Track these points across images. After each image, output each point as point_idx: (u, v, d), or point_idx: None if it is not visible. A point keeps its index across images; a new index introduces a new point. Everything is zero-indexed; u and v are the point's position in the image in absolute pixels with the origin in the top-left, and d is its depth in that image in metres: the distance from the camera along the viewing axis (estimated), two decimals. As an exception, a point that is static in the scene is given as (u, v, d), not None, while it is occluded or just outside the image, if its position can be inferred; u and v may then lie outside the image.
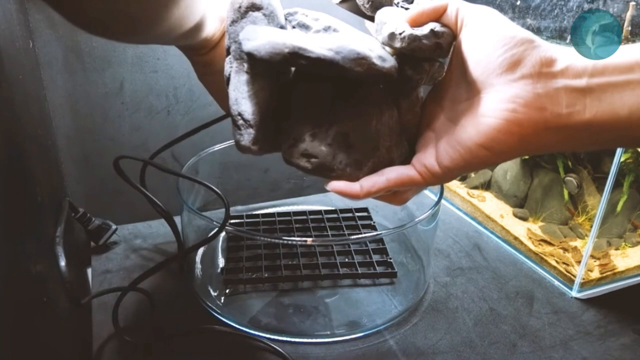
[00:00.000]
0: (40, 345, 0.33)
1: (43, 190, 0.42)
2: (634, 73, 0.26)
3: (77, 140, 0.61)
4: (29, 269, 0.34)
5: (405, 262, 0.58)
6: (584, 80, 0.27)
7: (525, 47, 0.29)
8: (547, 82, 0.28)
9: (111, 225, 0.59)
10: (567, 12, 0.58)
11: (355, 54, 0.31)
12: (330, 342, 0.46)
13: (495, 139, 0.29)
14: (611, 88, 0.26)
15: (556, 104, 0.27)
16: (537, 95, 0.28)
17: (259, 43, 0.31)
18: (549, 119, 0.27)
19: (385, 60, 0.33)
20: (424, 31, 0.33)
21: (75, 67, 0.58)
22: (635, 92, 0.26)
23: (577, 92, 0.27)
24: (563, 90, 0.27)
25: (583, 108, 0.27)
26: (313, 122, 0.36)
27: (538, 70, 0.28)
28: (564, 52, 0.28)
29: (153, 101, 0.63)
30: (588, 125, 0.27)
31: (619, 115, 0.26)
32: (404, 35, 0.34)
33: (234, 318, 0.48)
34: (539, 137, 0.28)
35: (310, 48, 0.31)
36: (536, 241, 0.61)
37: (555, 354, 0.45)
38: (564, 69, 0.28)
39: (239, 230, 0.46)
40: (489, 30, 0.31)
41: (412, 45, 0.33)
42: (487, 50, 0.30)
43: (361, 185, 0.35)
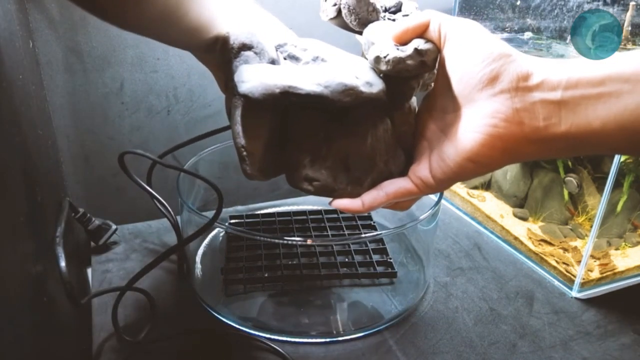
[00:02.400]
0: (40, 345, 0.33)
1: (43, 190, 0.42)
2: (605, 86, 0.26)
3: (77, 140, 0.61)
4: (29, 269, 0.34)
5: (405, 262, 0.58)
6: (558, 93, 0.28)
7: (502, 62, 0.30)
8: (524, 96, 0.29)
9: (111, 225, 0.59)
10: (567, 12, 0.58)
11: (343, 86, 0.33)
12: (330, 342, 0.46)
13: (480, 153, 0.31)
14: (584, 101, 0.27)
15: (534, 117, 0.29)
16: (516, 110, 0.29)
17: (252, 85, 0.33)
18: (528, 132, 0.29)
19: (372, 85, 0.35)
20: (408, 51, 0.35)
21: (75, 67, 0.58)
22: (607, 104, 0.26)
23: (553, 105, 0.28)
24: (539, 103, 0.28)
25: (559, 120, 0.28)
26: (311, 147, 0.38)
27: (515, 85, 0.29)
28: (540, 65, 0.29)
29: (153, 101, 0.63)
30: (565, 137, 0.28)
31: (593, 127, 0.27)
32: (388, 58, 0.35)
33: (234, 318, 0.48)
34: (521, 149, 0.30)
35: (300, 85, 0.33)
36: (536, 241, 0.61)
37: (555, 354, 0.45)
38: (540, 83, 0.29)
39: (239, 230, 0.46)
40: (470, 45, 0.32)
41: (397, 68, 0.35)
42: (467, 66, 0.32)
43: (363, 201, 0.37)
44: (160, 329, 0.46)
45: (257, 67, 0.35)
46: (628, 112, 0.26)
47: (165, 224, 0.64)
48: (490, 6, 0.69)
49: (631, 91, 0.26)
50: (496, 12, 0.69)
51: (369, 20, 0.41)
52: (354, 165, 0.37)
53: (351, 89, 0.33)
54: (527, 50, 0.64)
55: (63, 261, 0.41)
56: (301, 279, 0.53)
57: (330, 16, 0.43)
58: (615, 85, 0.26)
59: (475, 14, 0.69)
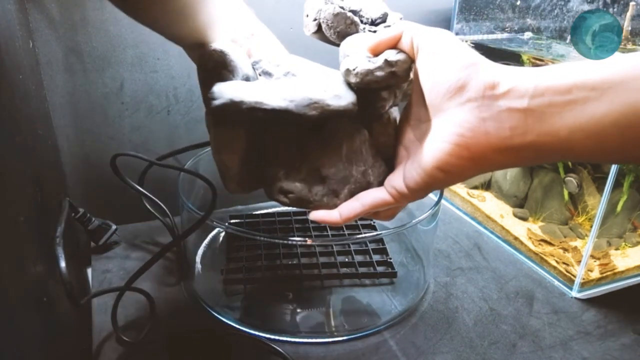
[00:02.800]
0: (40, 345, 0.33)
1: (43, 190, 0.42)
2: (572, 94, 0.26)
3: (77, 140, 0.61)
4: (29, 269, 0.34)
5: (405, 262, 0.58)
6: (525, 101, 0.28)
7: (470, 70, 0.30)
8: (491, 105, 0.29)
9: (111, 225, 0.59)
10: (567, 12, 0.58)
11: (308, 100, 0.34)
12: (330, 342, 0.46)
13: (449, 162, 0.31)
14: (551, 109, 0.27)
15: (500, 126, 0.28)
16: (482, 119, 0.29)
17: (221, 102, 0.34)
18: (494, 141, 0.29)
19: (341, 97, 0.35)
20: (378, 62, 0.35)
21: (75, 67, 0.58)
22: (573, 112, 0.26)
23: (519, 113, 0.28)
24: (506, 112, 0.28)
25: (525, 129, 0.28)
26: (286, 160, 0.39)
27: (482, 94, 0.29)
28: (509, 73, 0.29)
29: (153, 101, 0.63)
30: (532, 145, 0.28)
31: (560, 135, 0.27)
32: (357, 70, 0.36)
33: (234, 318, 0.48)
34: (489, 158, 0.30)
35: (266, 100, 0.34)
36: (536, 241, 0.61)
37: (555, 354, 0.45)
38: (507, 91, 0.28)
39: (239, 230, 0.46)
40: (440, 55, 0.32)
41: (366, 79, 0.36)
42: (437, 76, 0.32)
43: (340, 212, 0.37)
44: (160, 328, 0.46)
45: (229, 84, 0.36)
46: (595, 120, 0.26)
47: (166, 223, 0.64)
48: (490, 6, 0.69)
49: (598, 99, 0.25)
50: (496, 12, 0.69)
51: (348, 33, 0.42)
52: (329, 176, 0.38)
53: (316, 102, 0.34)
54: (527, 50, 0.64)
55: (63, 261, 0.41)
56: (301, 279, 0.53)
57: (312, 31, 0.44)
58: (582, 93, 0.26)
59: (475, 14, 0.70)
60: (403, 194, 0.35)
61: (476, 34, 0.71)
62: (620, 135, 0.25)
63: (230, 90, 0.35)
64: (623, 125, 0.25)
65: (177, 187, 0.49)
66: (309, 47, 0.68)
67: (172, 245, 0.43)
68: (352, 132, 0.39)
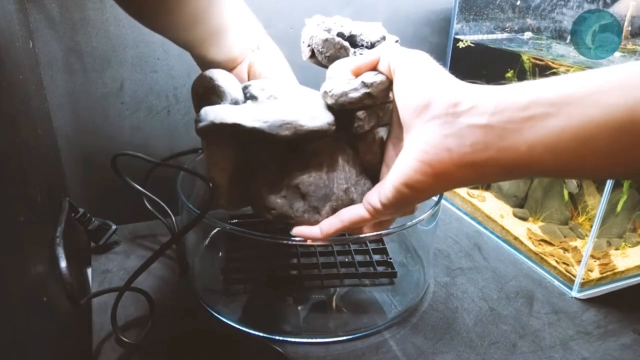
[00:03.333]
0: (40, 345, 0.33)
1: (43, 190, 0.42)
2: (530, 110, 0.27)
3: (77, 140, 0.61)
4: (29, 268, 0.34)
5: (405, 262, 0.58)
6: (485, 118, 0.28)
7: (435, 89, 0.31)
8: (453, 122, 0.29)
9: (111, 225, 0.59)
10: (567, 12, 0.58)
11: (281, 121, 0.37)
12: (330, 342, 0.46)
13: (413, 179, 0.31)
14: (510, 124, 0.27)
15: (461, 143, 0.29)
16: (445, 136, 0.30)
17: (204, 124, 0.37)
18: (456, 157, 0.29)
19: (316, 118, 0.38)
20: (355, 84, 0.37)
21: (75, 67, 0.58)
22: (532, 128, 0.27)
23: (479, 130, 0.28)
24: (467, 128, 0.29)
25: (485, 145, 0.28)
26: (269, 178, 0.41)
27: (445, 111, 0.30)
28: (473, 92, 0.30)
29: (153, 101, 0.63)
30: (493, 161, 0.28)
31: (520, 151, 0.27)
32: (332, 92, 0.38)
33: (234, 318, 0.48)
34: (452, 174, 0.30)
35: (243, 122, 0.37)
36: (536, 241, 0.61)
37: (555, 354, 0.45)
38: (469, 109, 0.29)
39: (238, 230, 0.46)
40: (410, 76, 0.34)
41: (340, 100, 0.38)
42: (407, 95, 0.33)
43: (320, 228, 0.39)
44: (160, 329, 0.46)
45: (214, 107, 0.39)
46: (553, 135, 0.26)
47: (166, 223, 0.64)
48: (490, 6, 0.69)
49: (556, 114, 0.26)
50: (496, 12, 0.69)
51: (338, 57, 0.44)
52: (309, 193, 0.40)
53: (289, 123, 0.37)
54: (527, 50, 0.64)
55: (63, 261, 0.41)
56: (301, 279, 0.53)
57: (307, 56, 0.46)
58: (541, 108, 0.26)
59: (476, 14, 0.70)
60: (377, 210, 0.36)
61: (476, 34, 0.71)
62: (579, 150, 0.25)
63: (213, 113, 0.38)
64: (581, 140, 0.25)
65: (177, 187, 0.49)
66: (309, 47, 0.68)
67: (170, 244, 0.43)
68: (334, 150, 0.41)
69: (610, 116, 0.24)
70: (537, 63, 0.61)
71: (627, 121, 0.24)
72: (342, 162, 0.41)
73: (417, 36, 0.74)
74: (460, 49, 0.70)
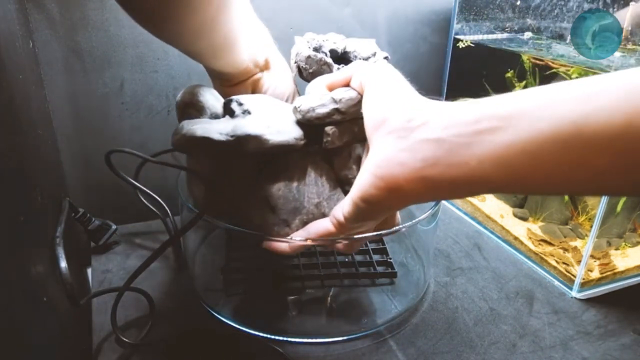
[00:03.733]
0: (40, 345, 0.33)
1: (43, 190, 0.42)
2: (480, 124, 0.27)
3: (77, 140, 0.61)
4: (29, 268, 0.34)
5: (405, 262, 0.58)
6: (436, 132, 0.28)
7: (394, 105, 0.32)
8: (407, 137, 0.30)
9: (111, 225, 0.59)
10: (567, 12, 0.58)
11: (246, 134, 0.38)
12: (330, 342, 0.46)
13: (368, 193, 0.31)
14: (460, 139, 0.27)
15: (413, 157, 0.29)
16: (398, 150, 0.30)
17: (177, 137, 0.40)
18: (407, 172, 0.29)
19: (283, 133, 0.39)
20: (324, 100, 0.39)
21: (75, 67, 0.58)
22: (481, 143, 0.26)
23: (430, 144, 0.28)
24: (419, 143, 0.29)
25: (435, 160, 0.28)
26: (242, 190, 0.42)
27: (400, 126, 0.30)
28: (429, 108, 0.30)
29: (153, 101, 0.63)
30: (443, 176, 0.28)
31: (470, 166, 0.27)
32: (300, 108, 0.39)
33: (234, 318, 0.48)
34: (405, 189, 0.30)
35: (212, 136, 0.38)
36: (536, 241, 0.61)
37: (555, 354, 0.45)
38: (422, 124, 0.29)
39: (238, 229, 0.46)
40: (375, 92, 0.34)
41: (307, 116, 0.39)
42: (369, 110, 0.34)
43: (288, 242, 0.40)
44: (160, 329, 0.46)
45: (190, 121, 0.41)
46: (502, 149, 0.26)
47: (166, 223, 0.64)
48: (490, 6, 0.69)
49: (505, 128, 0.25)
50: (496, 12, 0.69)
51: (321, 73, 0.45)
52: (278, 207, 0.41)
53: (254, 137, 0.38)
54: (527, 50, 0.64)
55: (63, 261, 0.41)
56: (301, 279, 0.53)
57: (294, 72, 0.48)
58: (490, 122, 0.26)
59: (476, 14, 0.70)
60: (341, 223, 0.36)
61: (476, 34, 0.71)
62: (527, 164, 0.25)
63: (186, 127, 0.40)
64: (529, 154, 0.25)
65: (177, 185, 0.49)
66: (309, 47, 0.68)
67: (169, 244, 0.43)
68: (306, 165, 0.42)
69: (556, 129, 0.24)
70: (537, 63, 0.61)
71: (573, 134, 0.23)
72: (315, 176, 0.42)
73: (417, 36, 0.74)
74: (460, 49, 0.70)
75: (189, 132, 0.39)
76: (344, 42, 0.49)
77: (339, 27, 0.68)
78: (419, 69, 0.76)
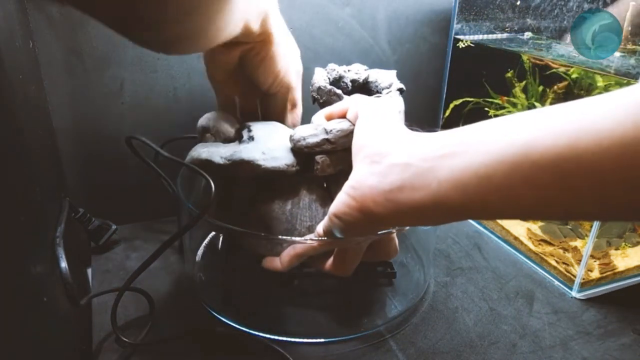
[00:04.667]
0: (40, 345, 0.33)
1: (43, 190, 0.42)
2: (443, 149, 0.28)
3: (77, 140, 0.61)
4: (29, 269, 0.34)
5: (405, 262, 0.58)
6: (405, 157, 0.30)
7: (375, 133, 0.35)
8: (379, 162, 0.32)
9: (111, 225, 0.59)
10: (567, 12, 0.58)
11: (240, 160, 0.42)
12: (330, 342, 0.46)
13: (341, 210, 0.34)
14: (425, 163, 0.29)
15: (382, 180, 0.31)
16: (370, 173, 0.32)
17: (189, 158, 0.45)
18: (375, 194, 0.31)
19: (277, 159, 0.42)
20: (317, 130, 0.42)
21: (75, 67, 0.58)
22: (442, 167, 0.28)
23: (398, 168, 0.30)
24: (389, 167, 0.31)
25: (402, 184, 0.30)
26: (240, 210, 0.46)
27: (375, 152, 0.33)
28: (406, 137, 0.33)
29: (153, 101, 0.63)
30: (408, 200, 0.30)
31: (431, 189, 0.28)
32: (293, 137, 0.43)
33: (234, 318, 0.48)
34: (373, 211, 0.32)
35: (213, 159, 0.43)
36: (536, 241, 0.61)
37: (555, 354, 0.45)
38: (395, 150, 0.32)
39: (238, 229, 0.46)
40: (363, 122, 0.37)
41: (298, 145, 0.42)
42: (355, 137, 0.37)
43: (280, 260, 0.42)
44: (160, 329, 0.46)
45: (202, 145, 0.46)
46: (458, 172, 0.27)
47: (166, 223, 0.64)
48: (490, 6, 0.69)
49: (463, 152, 0.27)
50: (496, 12, 0.69)
51: (332, 102, 0.48)
52: (273, 228, 0.44)
53: (248, 162, 0.42)
54: (527, 50, 0.64)
55: (63, 262, 0.41)
56: (301, 279, 0.53)
57: (312, 102, 0.51)
58: (450, 148, 0.28)
59: (476, 14, 0.70)
60: (320, 237, 0.39)
61: (476, 34, 0.71)
62: (480, 187, 0.26)
63: (198, 150, 0.44)
64: (481, 176, 0.26)
65: (177, 186, 0.49)
66: (308, 46, 0.68)
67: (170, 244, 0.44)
68: (300, 190, 0.45)
69: (506, 152, 0.25)
70: (537, 63, 0.61)
71: (521, 156, 0.24)
72: (309, 200, 0.45)
73: (417, 36, 0.74)
74: (460, 49, 0.70)
75: (197, 154, 0.44)
76: (367, 72, 0.53)
77: (339, 27, 0.68)
78: (419, 69, 0.76)
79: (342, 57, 0.69)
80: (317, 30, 0.67)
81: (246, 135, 0.46)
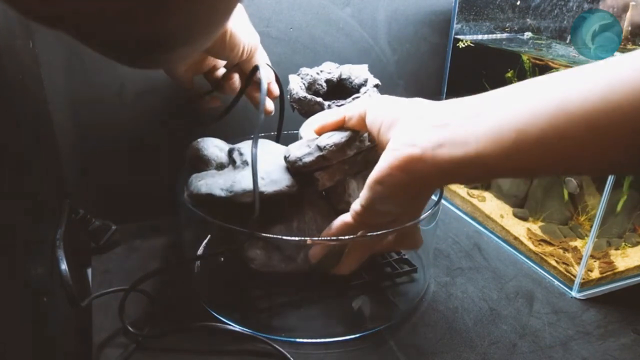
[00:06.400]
0: (40, 346, 0.33)
1: (43, 191, 0.42)
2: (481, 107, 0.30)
3: (77, 140, 0.61)
4: (30, 270, 0.34)
5: (405, 262, 0.57)
6: (444, 119, 0.32)
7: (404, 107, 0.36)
8: (419, 124, 0.33)
9: (111, 225, 0.59)
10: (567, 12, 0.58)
11: (242, 190, 0.42)
12: (330, 342, 0.46)
13: (384, 173, 0.35)
14: (463, 121, 0.31)
15: (424, 139, 0.32)
16: (412, 134, 0.33)
17: (187, 193, 0.46)
18: (417, 152, 0.33)
19: (277, 182, 0.43)
20: (310, 148, 0.42)
21: (75, 67, 0.58)
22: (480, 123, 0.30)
23: (438, 129, 0.32)
24: (429, 128, 0.32)
25: (442, 142, 0.31)
26: None
27: (415, 116, 0.34)
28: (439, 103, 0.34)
29: (153, 101, 0.63)
30: (447, 157, 0.31)
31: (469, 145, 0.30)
32: (289, 158, 0.43)
33: (234, 318, 0.48)
34: (417, 170, 0.33)
35: (214, 192, 0.43)
36: (536, 241, 0.61)
37: (555, 354, 0.45)
38: (433, 113, 0.33)
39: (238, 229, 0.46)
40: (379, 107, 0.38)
41: (295, 166, 0.43)
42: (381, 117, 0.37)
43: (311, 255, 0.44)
44: (161, 329, 0.46)
45: (197, 176, 0.46)
46: (495, 127, 0.29)
47: (166, 223, 0.64)
48: (490, 6, 0.69)
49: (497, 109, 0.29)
50: (496, 12, 0.69)
51: (314, 112, 0.48)
52: (282, 245, 0.44)
53: (249, 191, 0.42)
54: (527, 50, 0.64)
55: (64, 263, 0.41)
56: (301, 279, 0.53)
57: (292, 110, 0.51)
58: (487, 106, 0.30)
59: (476, 14, 0.70)
60: (358, 212, 0.40)
61: (476, 34, 0.71)
62: (515, 139, 0.28)
63: (195, 184, 0.45)
64: (517, 130, 0.28)
65: (176, 186, 0.49)
66: (308, 46, 0.68)
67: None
68: (303, 206, 0.46)
69: (541, 107, 0.27)
70: (537, 63, 0.61)
71: (556, 110, 0.26)
72: (313, 214, 0.46)
73: (417, 36, 0.74)
74: (460, 49, 0.70)
75: (195, 189, 0.44)
76: (338, 70, 0.52)
77: (339, 27, 0.68)
78: (419, 69, 0.76)
79: (342, 57, 0.69)
80: (317, 30, 0.67)
81: (239, 160, 0.46)
